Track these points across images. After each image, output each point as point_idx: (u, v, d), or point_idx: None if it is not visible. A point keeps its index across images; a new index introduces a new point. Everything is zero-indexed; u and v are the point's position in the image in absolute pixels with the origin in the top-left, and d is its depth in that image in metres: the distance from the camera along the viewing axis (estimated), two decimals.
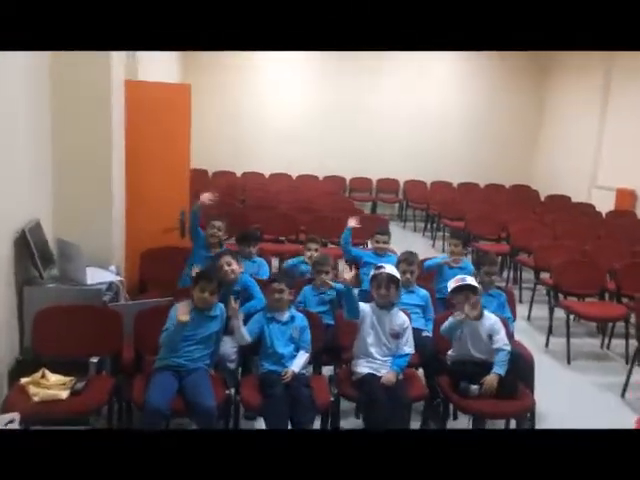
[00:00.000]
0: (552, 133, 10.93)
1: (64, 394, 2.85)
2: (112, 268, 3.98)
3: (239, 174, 10.31)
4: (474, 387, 3.12)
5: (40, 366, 2.99)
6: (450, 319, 3.32)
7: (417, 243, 8.70)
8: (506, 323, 3.52)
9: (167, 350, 3.08)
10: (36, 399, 2.79)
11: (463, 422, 3.53)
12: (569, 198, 9.74)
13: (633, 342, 4.73)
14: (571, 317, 5.06)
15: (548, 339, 5.10)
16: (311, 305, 3.86)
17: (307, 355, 3.24)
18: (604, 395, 4.27)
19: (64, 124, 3.88)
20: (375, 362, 3.19)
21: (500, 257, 7.07)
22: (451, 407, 3.39)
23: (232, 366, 3.44)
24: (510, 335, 3.55)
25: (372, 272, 3.32)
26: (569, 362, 4.77)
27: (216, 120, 10.02)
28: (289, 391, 2.98)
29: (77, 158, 3.94)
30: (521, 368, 3.32)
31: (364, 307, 3.24)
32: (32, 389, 2.83)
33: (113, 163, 4.07)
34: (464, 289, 3.31)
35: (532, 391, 3.45)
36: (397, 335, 3.26)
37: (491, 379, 3.14)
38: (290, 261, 4.69)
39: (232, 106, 10.31)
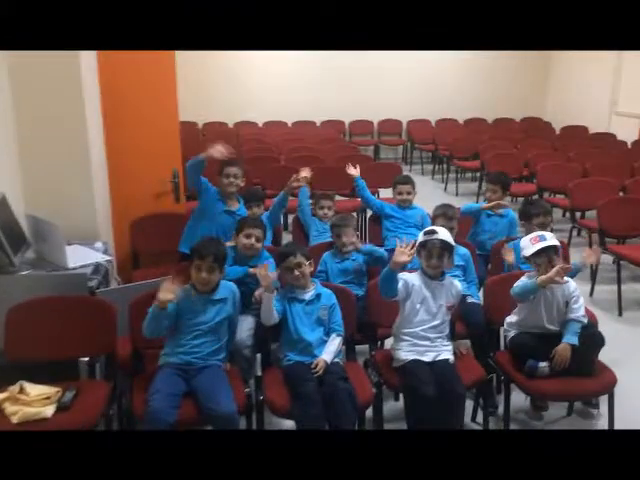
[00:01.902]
0: (565, 57, 10.12)
1: (49, 411, 2.32)
2: (98, 245, 3.39)
3: (231, 125, 9.57)
4: (543, 364, 2.60)
5: (20, 373, 2.47)
6: (525, 280, 2.74)
7: (427, 187, 8.11)
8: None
9: (170, 344, 2.55)
10: (15, 420, 2.27)
11: (519, 399, 3.05)
12: (586, 128, 9.09)
13: None
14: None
15: (593, 288, 4.58)
16: (333, 274, 3.30)
17: (340, 339, 2.70)
18: None
19: (27, 84, 3.22)
20: (421, 345, 2.64)
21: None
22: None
23: (248, 353, 2.91)
24: None
25: (420, 237, 2.74)
26: (620, 314, 4.28)
27: (204, 68, 9.18)
28: (323, 387, 2.46)
29: (45, 122, 3.29)
30: (593, 338, 2.77)
31: (409, 278, 2.67)
32: (9, 408, 2.30)
33: (88, 124, 3.40)
34: (547, 250, 2.72)
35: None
36: (452, 307, 2.73)
37: (564, 348, 2.62)
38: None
39: (221, 53, 9.45)
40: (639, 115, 8.14)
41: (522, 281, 2.75)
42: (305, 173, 4.18)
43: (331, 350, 2.62)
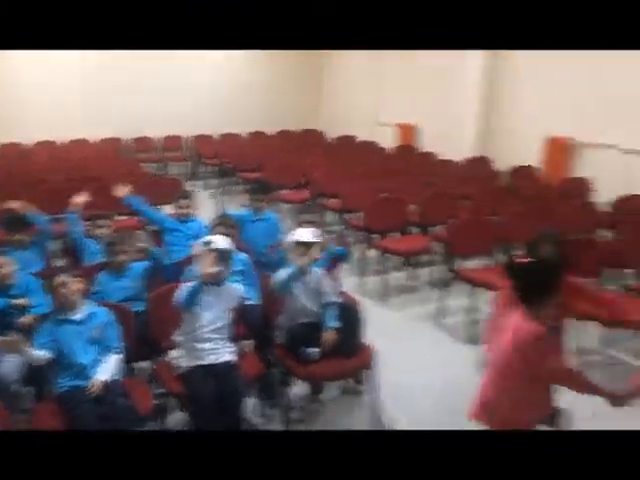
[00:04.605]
0: (335, 73, 11.07)
1: None
2: None
3: None
4: (314, 350, 2.88)
5: None
6: (282, 273, 3.04)
7: (214, 200, 8.25)
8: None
9: None
10: None
11: (303, 389, 3.30)
12: (354, 137, 10.01)
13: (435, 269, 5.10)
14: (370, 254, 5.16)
15: (361, 280, 5.12)
16: (111, 294, 3.22)
17: (117, 357, 2.66)
18: (424, 325, 4.40)
19: None
20: (203, 349, 2.72)
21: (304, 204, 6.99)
22: None
23: (15, 387, 2.70)
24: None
25: (198, 247, 2.84)
26: (386, 300, 4.84)
27: None
28: (102, 407, 2.40)
29: None
30: (351, 320, 3.13)
31: (190, 287, 2.74)
32: None
33: None
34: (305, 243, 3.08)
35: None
36: (233, 310, 2.89)
37: (329, 334, 2.95)
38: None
39: None
40: (395, 124, 9.26)
41: (280, 274, 3.02)
42: (83, 197, 4.05)
43: (107, 368, 2.57)
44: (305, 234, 3.15)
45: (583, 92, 6.58)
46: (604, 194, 5.82)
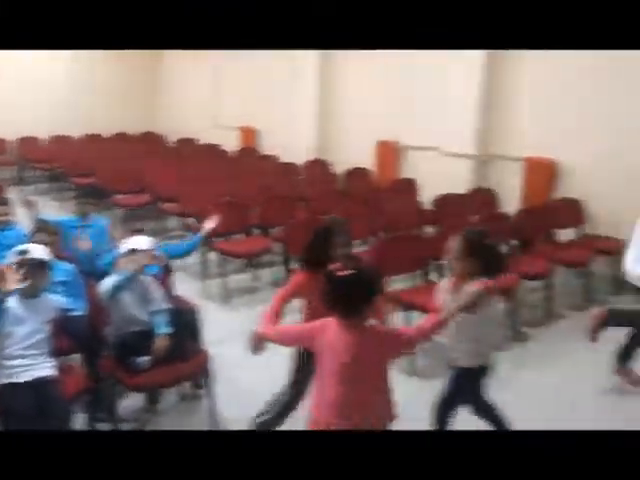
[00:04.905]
0: (173, 75, 10.91)
1: None
2: None
3: None
4: (143, 359, 2.79)
5: None
6: (112, 279, 2.92)
7: (44, 208, 7.62)
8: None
9: None
10: None
11: (137, 401, 3.18)
12: (195, 140, 9.85)
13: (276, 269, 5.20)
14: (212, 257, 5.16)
15: (204, 283, 5.05)
16: None
17: None
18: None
19: None
20: (18, 366, 2.52)
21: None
22: None
23: None
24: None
25: (12, 257, 2.63)
26: (228, 301, 4.83)
27: None
28: None
29: None
30: (186, 324, 3.10)
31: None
32: None
33: None
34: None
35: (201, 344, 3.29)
36: (51, 322, 2.72)
37: (160, 341, 2.88)
38: None
39: None
40: (236, 128, 9.28)
41: (107, 282, 2.91)
42: None
43: None
44: (137, 242, 3.09)
45: (407, 96, 7.05)
46: (427, 193, 6.32)
